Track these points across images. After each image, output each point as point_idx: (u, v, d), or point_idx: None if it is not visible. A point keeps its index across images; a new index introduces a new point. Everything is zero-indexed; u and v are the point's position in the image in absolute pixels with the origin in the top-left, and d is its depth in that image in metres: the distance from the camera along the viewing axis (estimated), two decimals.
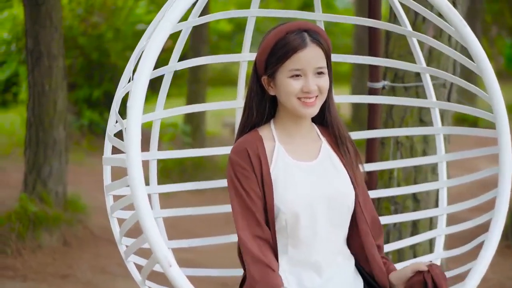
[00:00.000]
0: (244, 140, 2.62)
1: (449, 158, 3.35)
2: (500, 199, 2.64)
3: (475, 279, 2.54)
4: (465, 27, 2.66)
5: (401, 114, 4.07)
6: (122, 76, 2.85)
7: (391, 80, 4.08)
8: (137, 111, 2.24)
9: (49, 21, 6.48)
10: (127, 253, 2.69)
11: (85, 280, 5.58)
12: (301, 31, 2.55)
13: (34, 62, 6.54)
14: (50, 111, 6.56)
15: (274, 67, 2.57)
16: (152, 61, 2.28)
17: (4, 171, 9.13)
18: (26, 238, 6.11)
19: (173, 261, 2.18)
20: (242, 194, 2.54)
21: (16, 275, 5.59)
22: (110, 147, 2.83)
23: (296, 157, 2.62)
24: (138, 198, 2.17)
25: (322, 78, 2.57)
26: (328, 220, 2.58)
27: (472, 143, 4.12)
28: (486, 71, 2.67)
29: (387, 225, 4.10)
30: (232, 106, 3.24)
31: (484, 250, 2.59)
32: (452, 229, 3.26)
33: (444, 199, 3.32)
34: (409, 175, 4.08)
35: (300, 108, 2.57)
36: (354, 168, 2.69)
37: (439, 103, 3.36)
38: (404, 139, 4.08)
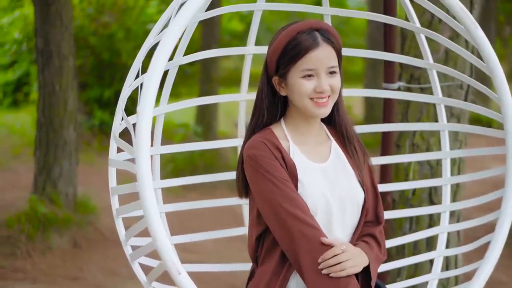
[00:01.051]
0: (259, 136, 2.58)
1: (453, 155, 3.36)
2: (507, 199, 2.68)
3: (482, 279, 2.60)
4: (476, 28, 2.68)
5: (416, 115, 4.00)
6: (128, 74, 2.83)
7: (407, 81, 4.01)
8: (148, 113, 2.22)
9: (59, 20, 6.44)
10: (133, 256, 2.67)
11: (95, 282, 5.54)
12: (313, 30, 2.53)
13: (44, 62, 6.50)
14: (60, 111, 6.52)
15: (286, 67, 2.53)
16: (162, 66, 2.26)
17: (14, 172, 9.12)
18: (36, 240, 6.08)
19: (181, 268, 2.18)
20: (273, 180, 2.48)
21: (26, 277, 5.56)
22: (115, 146, 2.82)
23: (309, 158, 2.59)
24: (148, 203, 2.18)
25: (334, 78, 2.54)
26: (341, 221, 2.56)
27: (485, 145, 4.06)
28: (495, 72, 2.70)
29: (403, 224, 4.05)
30: (236, 98, 3.24)
31: (490, 251, 2.65)
32: (455, 227, 3.32)
33: (448, 196, 3.30)
34: (425, 177, 4.00)
35: (313, 109, 2.54)
36: (361, 168, 2.66)
37: (444, 99, 3.32)
38: (420, 141, 4.00)
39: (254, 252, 2.64)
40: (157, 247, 2.17)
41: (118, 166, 2.71)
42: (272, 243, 2.55)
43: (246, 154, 2.54)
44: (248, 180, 2.56)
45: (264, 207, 2.50)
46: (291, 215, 2.44)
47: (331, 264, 2.40)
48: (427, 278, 3.21)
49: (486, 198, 3.08)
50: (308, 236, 2.43)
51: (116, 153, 2.84)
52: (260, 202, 2.52)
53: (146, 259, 2.84)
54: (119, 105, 2.77)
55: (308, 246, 2.43)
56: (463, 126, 3.38)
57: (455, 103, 3.31)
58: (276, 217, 2.46)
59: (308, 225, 2.44)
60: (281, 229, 2.46)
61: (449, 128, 3.31)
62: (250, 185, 2.56)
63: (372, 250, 2.58)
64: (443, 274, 3.21)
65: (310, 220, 2.45)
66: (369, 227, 2.66)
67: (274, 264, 2.53)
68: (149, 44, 2.74)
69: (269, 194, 2.48)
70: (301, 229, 2.43)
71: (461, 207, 3.33)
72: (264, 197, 2.49)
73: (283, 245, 2.48)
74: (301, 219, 2.43)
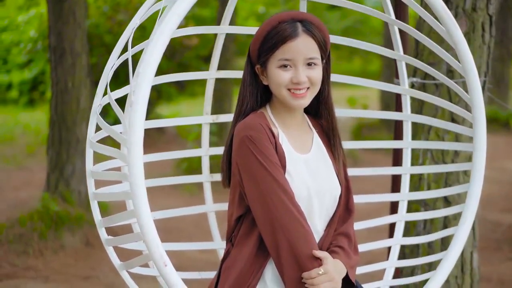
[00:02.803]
0: (253, 117, 2.58)
1: (415, 146, 3.53)
2: (471, 195, 2.87)
3: (444, 272, 2.85)
4: (456, 29, 2.76)
5: (432, 113, 3.92)
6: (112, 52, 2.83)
7: (422, 77, 3.95)
8: (141, 115, 2.19)
9: (72, 18, 6.42)
10: (110, 242, 2.71)
11: (107, 281, 5.50)
12: (295, 21, 2.54)
13: (57, 59, 6.49)
14: (73, 109, 6.50)
15: (265, 56, 2.55)
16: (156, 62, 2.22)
17: (29, 170, 9.13)
18: (48, 238, 6.05)
19: (168, 260, 2.18)
20: (268, 165, 2.47)
21: (38, 275, 5.54)
22: (94, 125, 2.84)
23: (294, 148, 2.60)
24: (139, 198, 2.17)
25: (313, 70, 2.54)
26: (319, 212, 2.59)
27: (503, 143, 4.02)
28: (470, 73, 2.80)
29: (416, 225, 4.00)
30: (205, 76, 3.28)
31: (453, 242, 2.85)
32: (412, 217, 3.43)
33: (406, 186, 3.45)
34: (440, 176, 3.94)
35: (290, 100, 2.55)
36: (339, 161, 2.70)
37: (410, 91, 3.44)
38: (435, 138, 3.93)
39: (231, 232, 2.65)
40: (144, 238, 2.16)
41: (97, 149, 2.71)
42: (251, 225, 2.55)
43: (243, 135, 2.51)
44: (239, 159, 2.52)
45: (252, 189, 2.49)
46: (280, 203, 2.44)
47: (315, 284, 2.43)
48: (384, 265, 3.32)
49: (450, 190, 3.30)
50: (293, 234, 2.45)
51: (94, 133, 2.82)
52: (249, 185, 2.50)
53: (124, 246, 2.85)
54: (102, 82, 2.80)
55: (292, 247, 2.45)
56: (431, 120, 3.44)
57: (423, 96, 3.38)
58: (263, 201, 2.46)
59: (297, 222, 2.45)
60: (265, 215, 2.47)
61: (412, 119, 3.45)
62: (240, 165, 2.52)
63: (348, 257, 2.62)
64: (400, 263, 3.37)
65: (297, 213, 2.46)
66: (342, 221, 2.70)
67: (250, 249, 2.54)
68: (135, 24, 2.72)
69: (261, 178, 2.47)
70: (288, 221, 2.45)
71: (420, 197, 3.50)
72: (255, 180, 2.48)
73: (263, 230, 2.48)
74: (288, 209, 2.45)
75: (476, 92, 2.81)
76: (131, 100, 2.41)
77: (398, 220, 3.39)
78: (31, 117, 12.81)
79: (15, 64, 15.76)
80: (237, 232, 2.61)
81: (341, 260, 2.56)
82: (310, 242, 2.46)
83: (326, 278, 2.43)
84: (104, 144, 2.67)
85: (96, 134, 2.82)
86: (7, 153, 10.60)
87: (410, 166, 3.45)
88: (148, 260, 2.33)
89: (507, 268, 5.61)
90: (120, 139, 2.44)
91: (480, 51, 3.89)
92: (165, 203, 5.70)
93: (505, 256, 5.94)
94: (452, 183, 3.93)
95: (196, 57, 11.96)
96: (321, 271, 2.42)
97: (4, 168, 9.68)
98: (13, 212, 6.82)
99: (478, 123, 2.86)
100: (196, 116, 3.35)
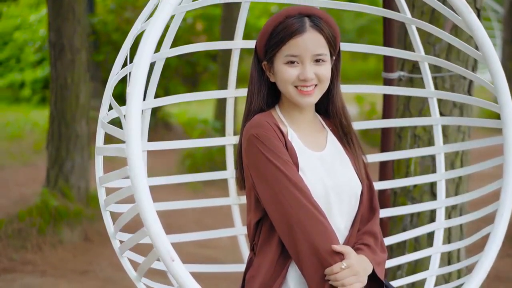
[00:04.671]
0: (259, 117, 2.49)
1: (447, 150, 3.28)
2: (506, 190, 2.55)
3: (482, 272, 2.50)
4: (471, 13, 2.54)
5: (419, 106, 3.90)
6: (115, 61, 2.73)
7: (409, 71, 3.92)
8: (138, 97, 2.11)
9: (72, 14, 6.44)
10: (123, 248, 2.57)
11: (103, 276, 5.52)
12: (302, 15, 2.44)
13: (57, 55, 6.51)
14: (72, 105, 6.52)
15: (271, 52, 2.46)
16: (152, 46, 2.16)
17: (35, 167, 9.16)
18: (47, 233, 6.07)
19: (175, 255, 2.08)
20: (277, 162, 2.38)
21: (35, 270, 5.56)
22: (103, 135, 2.72)
23: (306, 145, 2.50)
24: (139, 189, 2.07)
25: (321, 66, 2.44)
26: (339, 210, 2.46)
27: None
28: (490, 61, 2.57)
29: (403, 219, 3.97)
30: (224, 95, 3.18)
31: (490, 243, 2.53)
32: (451, 222, 3.21)
33: (443, 192, 3.23)
34: (426, 169, 3.91)
35: (297, 97, 2.46)
36: (358, 160, 2.58)
37: (437, 93, 3.26)
38: (421, 132, 3.91)
39: (251, 240, 2.54)
40: (149, 232, 2.07)
41: (107, 153, 2.63)
42: (270, 229, 2.44)
43: (249, 133, 2.42)
44: (248, 159, 2.44)
45: (264, 190, 2.39)
46: (295, 200, 2.34)
47: (338, 279, 2.30)
48: (426, 275, 3.13)
49: (484, 190, 2.97)
50: (310, 229, 2.33)
51: (103, 143, 2.76)
52: (261, 185, 2.40)
53: (135, 255, 2.77)
54: (107, 92, 2.69)
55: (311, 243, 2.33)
56: (457, 120, 3.32)
57: (447, 96, 3.24)
58: (276, 201, 2.36)
59: (313, 216, 2.34)
60: (280, 215, 2.36)
61: (442, 122, 3.26)
62: (250, 166, 2.43)
63: (374, 253, 2.49)
64: (440, 270, 3.14)
65: (314, 210, 2.35)
66: (367, 220, 2.58)
67: (271, 255, 2.43)
68: (136, 31, 2.65)
69: (272, 176, 2.36)
70: (304, 218, 2.33)
71: (457, 202, 3.24)
72: (266, 179, 2.38)
73: (281, 232, 2.38)
74: (304, 206, 2.34)
75: (500, 80, 2.57)
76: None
77: (437, 229, 3.21)
78: (42, 115, 12.83)
79: (28, 62, 15.82)
80: (258, 239, 2.50)
81: (366, 256, 2.44)
82: (329, 237, 2.34)
83: (349, 273, 2.30)
84: None
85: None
86: (15, 150, 10.65)
87: (444, 172, 3.26)
88: (156, 258, 2.21)
89: (505, 264, 5.57)
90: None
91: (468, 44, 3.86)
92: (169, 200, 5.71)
93: (504, 252, 5.89)
94: None
95: (205, 55, 11.94)
96: (344, 265, 2.29)
97: (11, 165, 9.72)
98: (16, 207, 6.84)
99: (506, 112, 2.58)
100: (219, 138, 3.26)
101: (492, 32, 15.79)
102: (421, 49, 3.18)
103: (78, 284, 5.31)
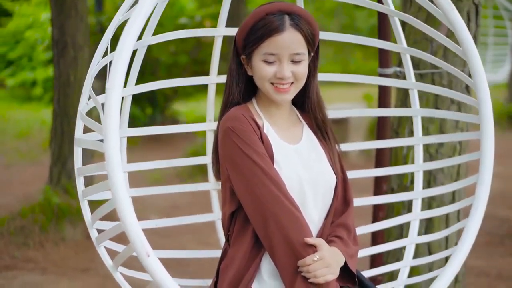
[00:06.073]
0: (235, 110, 2.52)
1: (425, 141, 3.34)
2: (481, 184, 2.64)
3: (456, 265, 2.58)
4: (453, 10, 2.59)
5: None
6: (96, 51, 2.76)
7: None
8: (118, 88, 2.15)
9: (75, 11, 6.42)
10: (99, 240, 2.62)
11: (104, 273, 5.49)
12: (283, 13, 2.46)
13: (59, 53, 6.49)
14: (75, 103, 6.49)
15: (250, 48, 2.49)
16: (135, 36, 2.21)
17: (42, 165, 9.16)
18: (49, 230, 6.06)
19: (150, 250, 2.10)
20: (253, 155, 2.41)
21: (37, 267, 5.54)
22: (82, 126, 2.75)
23: (282, 138, 2.54)
24: (116, 184, 2.10)
25: (299, 65, 2.49)
26: (314, 203, 2.52)
27: None
28: (471, 56, 2.63)
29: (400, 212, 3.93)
30: (205, 82, 3.20)
31: (464, 237, 2.60)
32: (428, 214, 3.25)
33: (420, 183, 3.28)
34: None
35: (273, 94, 2.50)
36: (333, 153, 2.62)
37: (418, 85, 3.29)
38: None
39: (226, 231, 2.58)
40: (125, 229, 2.10)
41: (85, 146, 2.66)
42: (244, 221, 2.48)
43: (225, 126, 2.46)
44: (223, 152, 2.47)
45: (239, 182, 2.43)
46: (270, 193, 2.37)
47: (310, 271, 2.34)
48: (400, 265, 3.18)
49: (460, 184, 3.09)
50: (285, 223, 2.37)
51: (82, 133, 2.77)
52: (236, 178, 2.44)
53: (114, 244, 2.78)
54: (87, 82, 2.72)
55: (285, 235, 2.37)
56: (437, 112, 3.31)
57: (428, 88, 3.25)
58: (252, 194, 2.40)
59: (288, 210, 2.38)
60: (255, 208, 2.40)
61: (422, 114, 3.30)
62: (225, 158, 2.47)
63: (347, 246, 2.54)
64: (414, 262, 3.18)
65: (288, 203, 2.39)
66: (341, 213, 2.62)
67: (246, 246, 2.47)
68: (117, 21, 2.68)
69: (247, 169, 2.40)
70: (279, 211, 2.37)
71: (434, 193, 3.30)
72: (242, 172, 2.42)
73: (255, 224, 2.42)
74: (279, 199, 2.38)
75: (479, 75, 2.63)
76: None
77: (413, 219, 3.24)
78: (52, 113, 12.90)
79: (39, 61, 15.84)
80: (232, 230, 2.54)
81: (339, 248, 2.48)
82: (303, 230, 2.38)
83: (322, 265, 2.35)
84: None
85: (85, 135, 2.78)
86: (23, 148, 10.68)
87: (422, 163, 3.29)
88: (132, 251, 2.23)
89: (507, 264, 5.53)
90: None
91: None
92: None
93: (507, 252, 5.86)
94: (437, 174, 3.86)
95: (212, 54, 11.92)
96: (316, 257, 2.34)
97: (18, 163, 9.75)
98: (19, 205, 6.85)
99: (484, 108, 2.65)
100: (199, 123, 3.26)
101: (504, 31, 15.70)
102: (403, 41, 3.20)
103: (79, 282, 5.30)
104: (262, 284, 2.46)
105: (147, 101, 11.41)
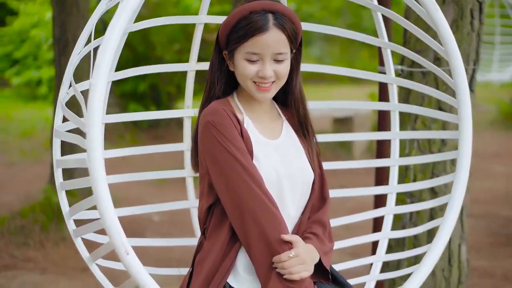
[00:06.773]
0: (216, 104, 2.53)
1: (402, 136, 3.41)
2: (457, 183, 2.67)
3: (429, 263, 2.61)
4: (437, 11, 2.62)
5: (418, 102, 3.83)
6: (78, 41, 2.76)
7: (409, 65, 3.85)
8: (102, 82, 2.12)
9: (76, 9, 6.40)
10: (77, 233, 2.67)
11: (104, 273, 5.46)
12: (266, 12, 2.45)
13: (61, 51, 6.47)
14: (75, 101, 6.46)
15: (233, 45, 2.48)
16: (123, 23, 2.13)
17: (44, 164, 9.15)
18: (49, 230, 6.04)
19: (130, 248, 2.08)
20: (232, 150, 2.42)
21: (36, 267, 5.53)
22: (61, 116, 2.77)
23: (262, 133, 2.56)
24: (97, 181, 2.09)
25: (281, 64, 2.50)
26: (291, 198, 2.53)
27: None
28: (453, 56, 2.65)
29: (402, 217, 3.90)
30: (184, 68, 3.21)
31: (438, 235, 2.64)
32: (400, 209, 3.30)
33: (395, 178, 3.32)
34: (426, 166, 3.83)
35: (255, 92, 2.52)
36: (312, 149, 2.65)
37: (397, 80, 3.31)
38: (421, 127, 3.83)
39: (202, 224, 2.59)
40: (105, 227, 2.07)
41: (64, 138, 2.65)
42: (221, 214, 2.49)
43: (205, 120, 2.46)
44: (203, 146, 2.48)
45: (218, 177, 2.44)
46: (248, 189, 2.39)
47: (285, 268, 2.37)
48: (372, 260, 3.24)
49: (436, 181, 3.16)
50: (262, 219, 2.39)
51: (61, 123, 2.76)
52: (215, 172, 2.44)
53: (94, 235, 2.82)
54: (68, 71, 2.73)
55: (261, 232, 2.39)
56: (413, 108, 3.32)
57: (408, 84, 3.26)
58: (230, 189, 2.41)
59: (265, 207, 2.39)
60: (233, 203, 2.42)
61: (399, 109, 3.34)
62: (205, 152, 2.47)
63: (322, 243, 2.56)
64: (386, 257, 3.24)
65: (266, 199, 2.40)
66: (317, 209, 2.64)
67: (222, 240, 2.48)
68: (102, 10, 2.67)
69: (226, 164, 2.41)
70: (256, 207, 2.39)
71: (408, 189, 3.37)
72: (221, 167, 2.42)
73: (232, 219, 2.43)
74: (257, 195, 2.39)
75: (460, 75, 2.66)
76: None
77: (386, 214, 3.28)
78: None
79: (44, 60, 15.84)
80: (209, 223, 2.55)
81: (314, 245, 2.51)
82: (279, 227, 2.40)
83: (297, 261, 2.37)
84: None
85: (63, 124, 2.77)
86: (26, 147, 10.69)
87: (398, 158, 3.33)
88: (111, 249, 2.22)
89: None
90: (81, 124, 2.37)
91: (469, 39, 3.78)
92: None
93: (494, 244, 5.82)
94: (439, 173, 3.83)
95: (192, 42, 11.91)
96: (292, 254, 2.37)
97: (21, 162, 9.76)
98: (20, 204, 6.84)
99: (463, 108, 2.69)
100: (177, 110, 3.27)
101: (511, 30, 15.64)
102: (384, 36, 3.23)
103: (79, 282, 5.28)
104: (237, 278, 2.48)
105: (151, 100, 11.39)
